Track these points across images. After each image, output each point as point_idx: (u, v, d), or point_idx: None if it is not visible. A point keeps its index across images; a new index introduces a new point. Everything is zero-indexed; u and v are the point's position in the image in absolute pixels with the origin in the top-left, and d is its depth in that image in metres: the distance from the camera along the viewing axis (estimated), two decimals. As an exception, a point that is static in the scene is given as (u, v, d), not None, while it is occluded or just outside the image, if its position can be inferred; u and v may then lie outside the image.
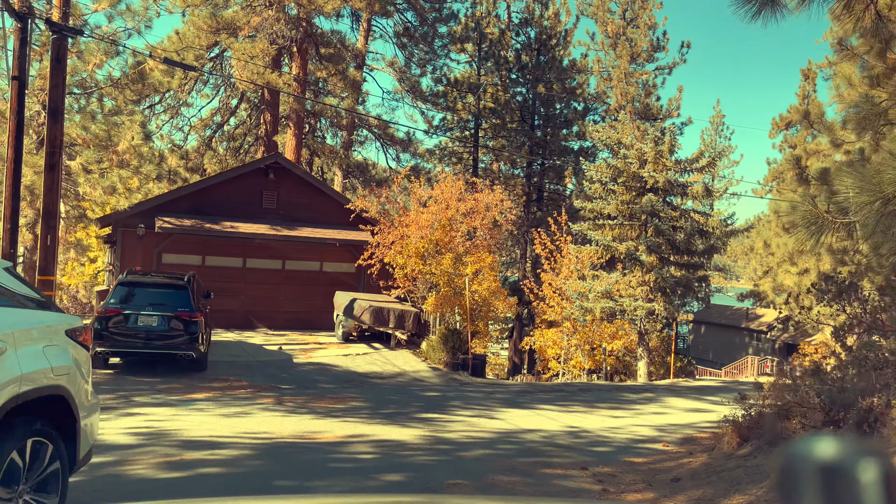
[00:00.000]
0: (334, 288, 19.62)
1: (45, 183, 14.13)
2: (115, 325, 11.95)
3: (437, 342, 16.82)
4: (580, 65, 33.06)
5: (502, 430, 9.78)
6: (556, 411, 12.42)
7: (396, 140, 29.84)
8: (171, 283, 12.79)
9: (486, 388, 15.27)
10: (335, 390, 12.66)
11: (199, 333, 12.37)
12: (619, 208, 20.59)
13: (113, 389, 10.85)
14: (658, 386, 19.02)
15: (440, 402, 12.28)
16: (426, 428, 9.38)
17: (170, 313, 12.18)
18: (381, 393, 12.87)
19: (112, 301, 12.09)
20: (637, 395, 16.67)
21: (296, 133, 26.40)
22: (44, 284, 14.02)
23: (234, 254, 19.24)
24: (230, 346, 16.22)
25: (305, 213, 19.87)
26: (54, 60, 14.15)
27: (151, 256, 17.99)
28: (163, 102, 28.82)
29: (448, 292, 17.35)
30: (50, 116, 14.17)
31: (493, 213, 18.00)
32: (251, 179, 19.36)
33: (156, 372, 12.75)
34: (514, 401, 13.48)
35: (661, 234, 19.65)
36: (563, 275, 23.74)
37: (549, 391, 15.77)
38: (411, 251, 17.51)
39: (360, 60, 28.23)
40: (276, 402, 10.90)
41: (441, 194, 18.13)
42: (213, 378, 12.72)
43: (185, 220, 18.10)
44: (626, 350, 25.52)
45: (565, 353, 24.76)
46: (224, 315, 18.88)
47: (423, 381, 15.19)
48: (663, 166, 20.31)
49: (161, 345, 12.17)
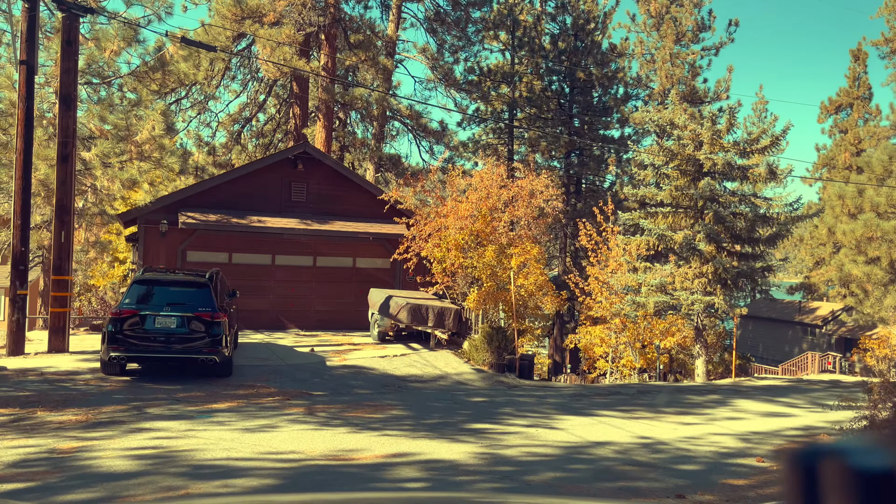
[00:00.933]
0: (368, 285, 18.43)
1: (58, 175, 13.14)
2: (130, 327, 10.85)
3: (481, 341, 15.50)
4: (620, 48, 31.43)
5: (567, 444, 8.42)
6: (620, 418, 11.01)
7: (430, 131, 28.55)
8: (191, 280, 11.66)
9: (537, 391, 13.91)
10: (372, 396, 11.42)
11: (222, 335, 11.22)
12: (673, 194, 19.01)
13: (126, 399, 9.74)
14: (721, 386, 17.44)
15: (489, 410, 10.96)
16: (479, 442, 8.07)
17: (190, 314, 11.05)
18: (423, 399, 11.60)
19: (127, 301, 11.00)
20: (702, 396, 15.16)
21: (325, 125, 25.28)
22: (58, 285, 13.03)
23: (263, 250, 18.14)
24: (258, 348, 15.10)
25: (337, 205, 18.70)
26: (65, 43, 13.15)
27: (175, 254, 16.98)
28: (189, 97, 27.95)
29: (491, 287, 16.01)
30: (62, 104, 13.18)
31: (538, 201, 16.60)
32: (279, 171, 18.24)
33: (176, 378, 11.65)
34: (570, 406, 12.10)
35: (721, 220, 18.03)
36: (611, 268, 22.23)
37: (605, 394, 14.34)
38: (450, 243, 16.21)
39: (391, 48, 27.00)
40: (307, 411, 9.69)
41: (481, 182, 16.78)
42: (238, 384, 11.57)
43: (210, 214, 17.05)
44: (680, 347, 23.92)
45: (614, 352, 23.25)
46: (252, 315, 17.81)
47: (467, 385, 13.89)
48: (720, 148, 18.68)
49: (181, 348, 11.05)
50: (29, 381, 10.75)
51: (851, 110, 48.87)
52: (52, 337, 13.13)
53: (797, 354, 41.14)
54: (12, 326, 12.75)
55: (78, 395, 9.98)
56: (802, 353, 41.20)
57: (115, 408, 9.06)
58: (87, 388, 10.44)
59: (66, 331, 13.18)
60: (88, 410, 8.80)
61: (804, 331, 41.80)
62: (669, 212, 19.45)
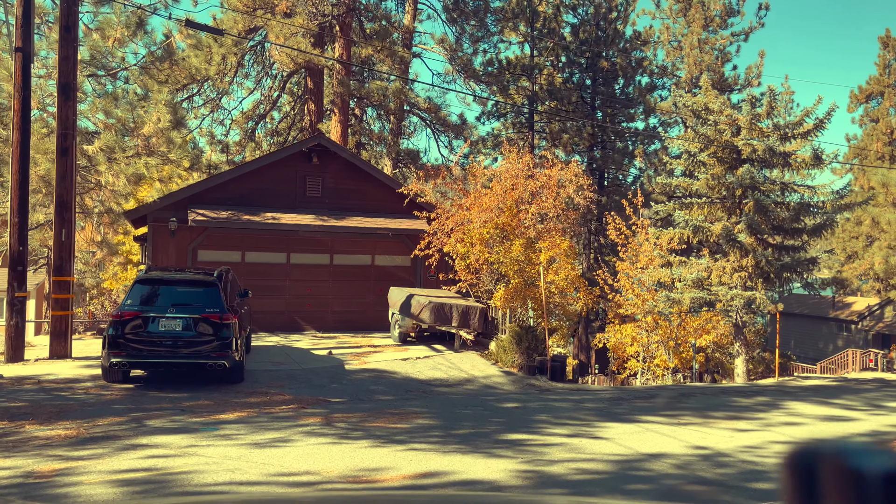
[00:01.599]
0: (388, 284, 17.51)
1: (58, 170, 12.33)
2: (132, 330, 9.99)
3: (509, 342, 14.52)
4: (645, 36, 30.27)
5: (618, 458, 7.43)
6: (667, 424, 9.98)
7: (449, 124, 27.58)
8: (198, 279, 10.78)
9: (571, 395, 12.90)
10: (395, 403, 10.48)
11: (231, 338, 10.33)
12: (709, 183, 17.89)
13: (126, 410, 8.87)
14: (766, 387, 16.30)
15: (524, 417, 9.98)
16: (519, 457, 7.10)
17: (197, 315, 10.17)
18: (451, 405, 10.64)
19: (129, 302, 10.14)
20: (748, 398, 14.06)
21: (341, 119, 24.41)
22: (59, 286, 12.23)
23: (277, 248, 17.28)
24: (273, 351, 14.22)
25: (354, 200, 17.79)
26: (63, 29, 12.34)
27: (186, 253, 16.16)
28: (202, 94, 27.21)
29: (519, 284, 15.01)
30: (60, 93, 12.36)
31: (567, 191, 15.57)
32: (293, 165, 17.37)
33: (184, 385, 10.79)
34: (611, 412, 11.08)
35: (763, 210, 16.87)
36: (641, 263, 21.14)
37: (645, 397, 13.29)
38: (474, 238, 15.23)
39: (408, 39, 26.07)
40: (325, 421, 8.77)
41: (506, 172, 15.79)
42: (250, 391, 10.68)
43: (221, 211, 16.22)
44: (716, 346, 22.77)
45: (645, 351, 22.14)
46: (267, 317, 16.96)
47: (497, 389, 12.91)
48: (759, 133, 17.53)
49: (187, 353, 10.17)
50: (24, 391, 9.93)
51: (882, 98, 47.30)
52: (54, 342, 12.33)
53: (832, 351, 39.63)
54: (10, 331, 11.96)
55: (74, 405, 9.13)
56: (837, 349, 39.68)
57: (111, 420, 8.19)
58: (85, 398, 9.60)
59: (69, 335, 12.37)
60: (82, 423, 7.94)
61: (839, 327, 40.28)
62: (705, 202, 18.32)
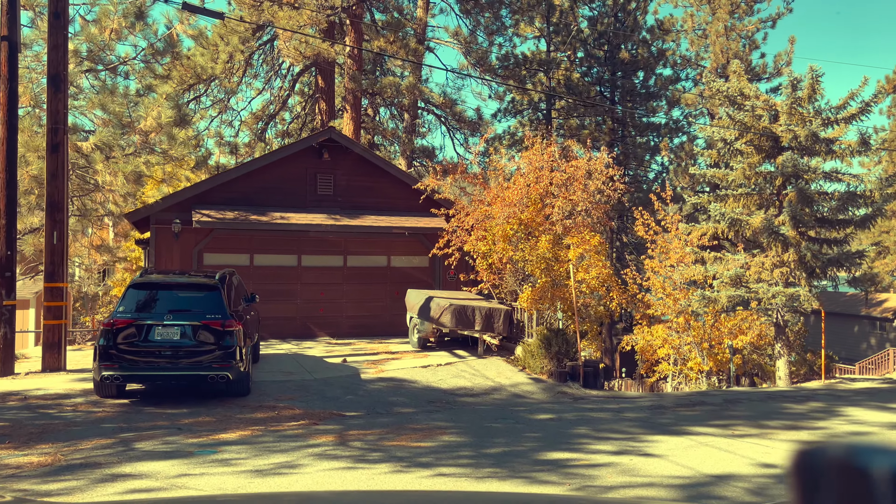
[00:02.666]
0: (405, 286, 16.49)
1: (48, 167, 11.42)
2: (125, 340, 9.03)
3: (537, 346, 13.44)
4: (667, 24, 29.13)
5: (680, 481, 6.34)
6: (721, 436, 8.86)
7: (464, 120, 26.55)
8: (197, 283, 9.80)
9: (608, 404, 11.79)
10: (417, 417, 9.44)
11: (235, 347, 9.35)
12: (746, 173, 16.71)
13: (116, 430, 7.89)
14: (815, 391, 15.09)
15: (562, 431, 8.90)
16: (566, 483, 6.03)
17: (196, 322, 9.20)
18: (478, 418, 9.59)
19: (121, 309, 9.18)
20: (801, 405, 12.88)
21: (353, 117, 23.46)
22: (51, 293, 11.31)
23: (287, 250, 16.31)
24: (283, 360, 13.24)
25: (368, 198, 16.80)
26: (52, 16, 11.44)
27: (191, 257, 15.24)
28: (209, 94, 26.38)
29: (546, 283, 13.94)
30: (50, 84, 11.46)
31: (597, 183, 14.49)
32: (303, 161, 16.40)
33: (184, 399, 9.81)
34: (655, 422, 9.98)
35: (807, 200, 15.67)
36: (671, 260, 19.98)
37: (689, 405, 12.15)
38: (497, 235, 14.18)
39: (421, 31, 25.09)
40: (338, 440, 7.75)
41: (529, 164, 14.73)
42: (256, 405, 9.69)
43: (227, 212, 15.28)
44: (752, 346, 21.55)
45: (677, 353, 20.95)
46: (278, 323, 15.99)
47: (526, 398, 11.84)
48: (800, 118, 16.34)
49: (186, 364, 9.19)
50: (6, 408, 8.99)
51: (910, 88, 45.82)
52: (46, 354, 11.41)
53: (865, 350, 38.18)
54: (-1, 343, 11.06)
55: (60, 424, 8.18)
56: (871, 348, 38.24)
57: (96, 442, 7.21)
58: (72, 416, 8.64)
59: (62, 346, 11.45)
60: (62, 447, 6.97)
61: (872, 325, 38.76)
62: (742, 193, 17.14)
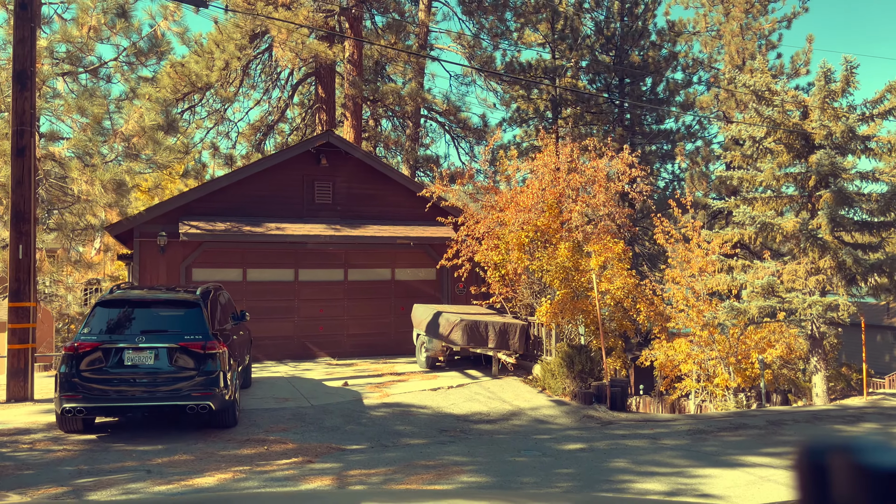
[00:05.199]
0: (411, 300, 15.27)
1: (13, 173, 10.27)
2: (90, 366, 7.82)
3: (558, 365, 12.18)
4: (678, 26, 28.06)
5: (761, 537, 5.10)
6: (780, 468, 7.60)
7: (469, 127, 25.44)
8: (176, 299, 8.60)
9: (641, 428, 10.52)
10: (428, 450, 8.19)
11: (218, 372, 8.13)
12: (776, 174, 15.51)
13: (73, 473, 6.65)
14: (863, 410, 13.79)
15: (598, 466, 7.64)
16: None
17: (173, 344, 7.99)
18: (499, 450, 8.34)
19: (86, 331, 7.97)
20: (852, 426, 11.61)
21: (354, 124, 22.37)
22: (16, 314, 10.11)
23: (283, 264, 15.12)
24: (278, 384, 11.99)
25: (369, 206, 15.62)
26: (18, 6, 10.34)
27: (178, 272, 14.05)
28: (204, 104, 25.31)
29: (566, 295, 12.71)
30: (16, 82, 10.33)
31: (620, 185, 13.31)
32: (299, 168, 15.24)
33: (161, 433, 8.58)
34: (700, 451, 8.72)
35: (847, 201, 14.47)
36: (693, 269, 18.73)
37: (730, 428, 10.87)
38: (511, 243, 12.98)
39: (424, 34, 24.05)
40: (337, 482, 6.52)
41: (544, 166, 13.55)
42: (244, 438, 8.45)
43: (218, 223, 14.12)
44: (783, 361, 20.23)
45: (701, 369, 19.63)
46: (274, 343, 14.77)
47: (550, 423, 10.57)
48: (833, 115, 15.16)
49: (163, 393, 7.96)
50: (-49, 448, 7.78)
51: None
52: (11, 382, 10.19)
53: (889, 362, 36.74)
54: (-43, 370, 9.87)
55: (10, 467, 6.95)
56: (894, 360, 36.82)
57: (44, 492, 5.99)
58: (27, 456, 7.41)
59: (29, 373, 10.24)
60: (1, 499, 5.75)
61: (894, 335, 37.34)
62: (771, 196, 15.94)
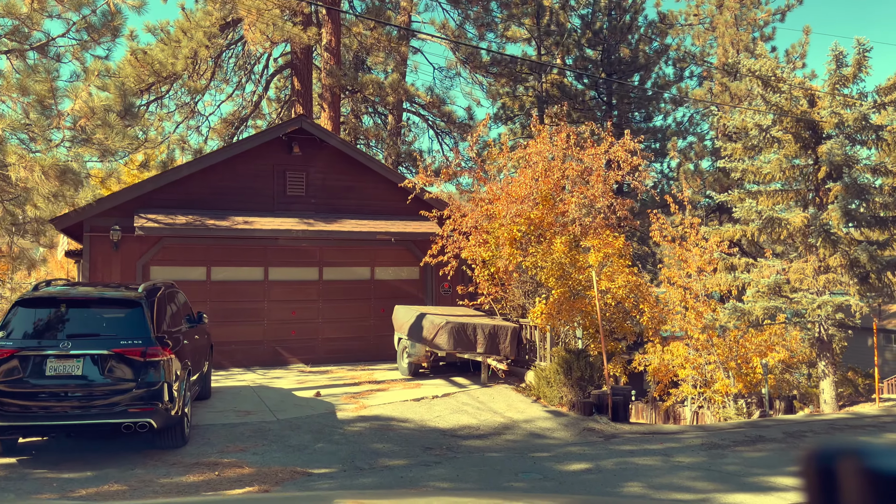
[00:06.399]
0: (392, 302, 14.04)
1: (-68, 154, 8.89)
2: (6, 377, 6.52)
3: (554, 372, 11.02)
4: (670, 18, 27.14)
5: None
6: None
7: (454, 121, 24.27)
8: (112, 298, 7.30)
9: (649, 443, 9.38)
10: (410, 474, 6.97)
11: (161, 383, 6.85)
12: (783, 166, 14.50)
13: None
14: (881, 419, 12.75)
15: (607, 490, 6.47)
16: None
17: (106, 350, 6.71)
18: (492, 472, 7.14)
19: (1, 335, 6.68)
20: (877, 438, 10.59)
21: (331, 116, 21.11)
22: (-65, 315, 8.71)
23: (252, 262, 13.83)
24: (242, 394, 10.70)
25: (347, 199, 14.38)
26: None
27: (134, 270, 12.72)
28: (172, 96, 23.92)
29: (563, 295, 11.55)
30: (-65, 50, 8.97)
31: (620, 175, 12.20)
32: (270, 157, 13.97)
33: (96, 455, 7.28)
34: (722, 471, 7.59)
35: (862, 194, 13.48)
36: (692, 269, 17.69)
37: (745, 441, 9.76)
38: (502, 237, 11.81)
39: (406, 22, 22.86)
40: (297, 520, 5.29)
41: (538, 154, 12.40)
42: (193, 461, 7.17)
43: (179, 216, 12.81)
44: (785, 365, 19.25)
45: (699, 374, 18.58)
46: (241, 348, 13.49)
47: (547, 438, 9.39)
48: (843, 102, 14.19)
49: (96, 409, 6.68)
50: None
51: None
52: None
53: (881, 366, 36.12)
54: None
55: None
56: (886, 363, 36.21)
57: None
58: (-80, 488, 6.12)
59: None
60: None
61: (887, 339, 36.71)
62: (778, 190, 14.93)
